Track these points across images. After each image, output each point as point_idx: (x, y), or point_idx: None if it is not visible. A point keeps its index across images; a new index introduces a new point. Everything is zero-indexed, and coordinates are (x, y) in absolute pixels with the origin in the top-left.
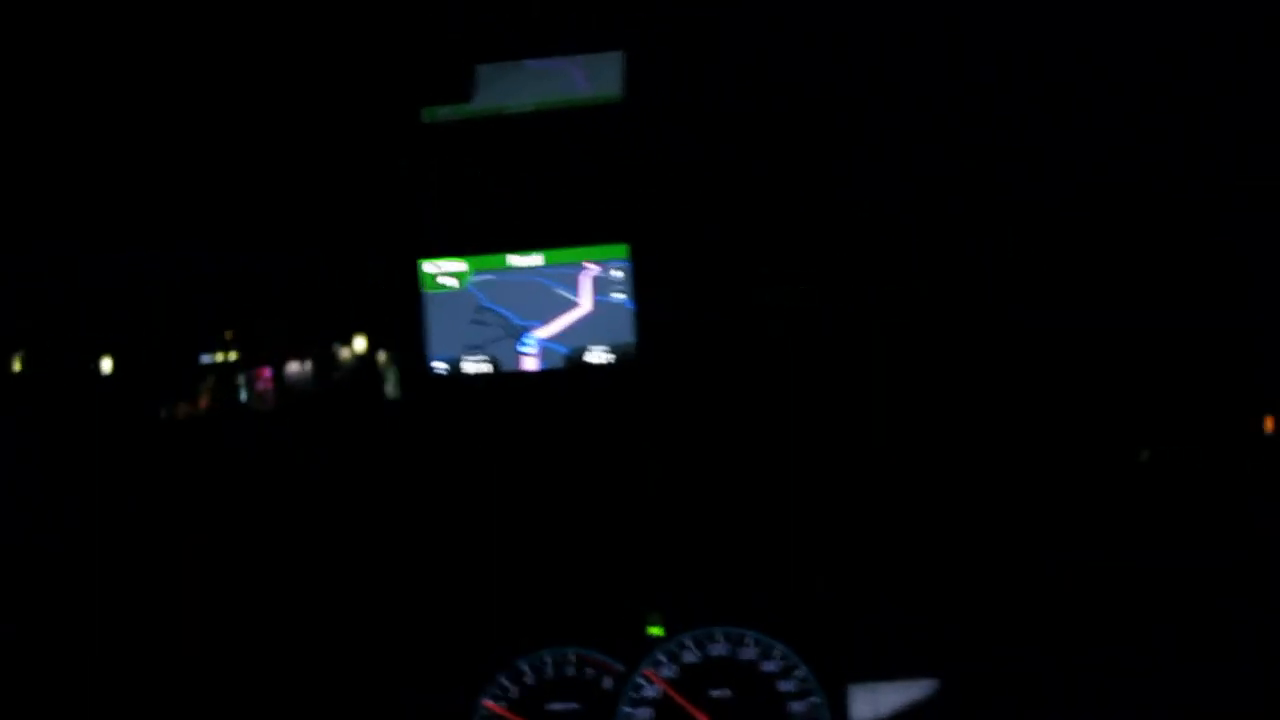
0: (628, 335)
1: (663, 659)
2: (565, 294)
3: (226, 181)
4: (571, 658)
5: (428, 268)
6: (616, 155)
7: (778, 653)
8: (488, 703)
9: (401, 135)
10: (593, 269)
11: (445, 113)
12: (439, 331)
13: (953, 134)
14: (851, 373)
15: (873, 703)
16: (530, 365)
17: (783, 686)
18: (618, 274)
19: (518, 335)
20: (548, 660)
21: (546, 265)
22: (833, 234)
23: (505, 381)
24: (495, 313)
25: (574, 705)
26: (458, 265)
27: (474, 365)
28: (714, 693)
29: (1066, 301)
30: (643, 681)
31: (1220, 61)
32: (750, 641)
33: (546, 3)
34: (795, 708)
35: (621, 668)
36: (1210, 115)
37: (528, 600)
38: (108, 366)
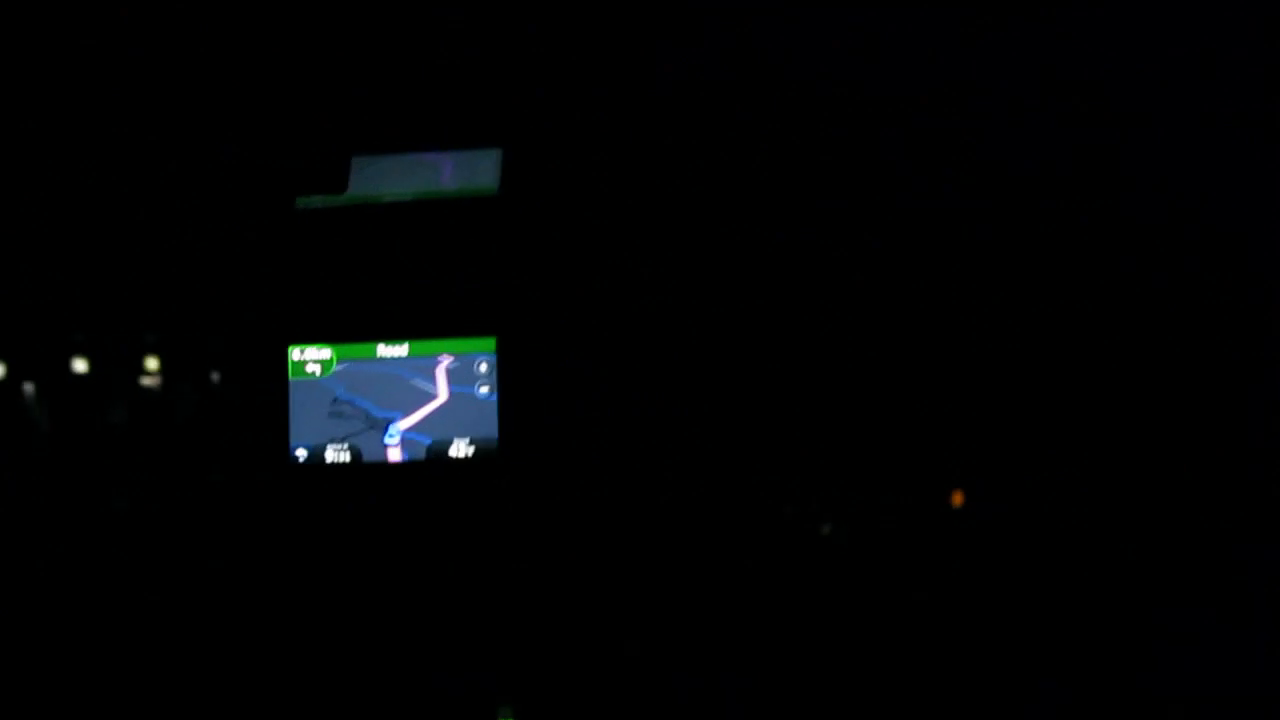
0: (490, 428)
1: None
2: (423, 385)
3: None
4: None
5: (295, 355)
6: (489, 248)
7: None
8: None
9: (275, 221)
10: (447, 359)
11: (319, 200)
12: (302, 418)
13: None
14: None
15: None
16: (395, 456)
17: None
18: (480, 366)
19: (381, 426)
20: None
21: (410, 356)
22: (694, 343)
23: (366, 471)
24: (354, 405)
25: None
26: (323, 353)
27: (336, 454)
28: None
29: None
30: None
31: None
32: None
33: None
34: None
35: None
36: None
37: (380, 688)
38: None
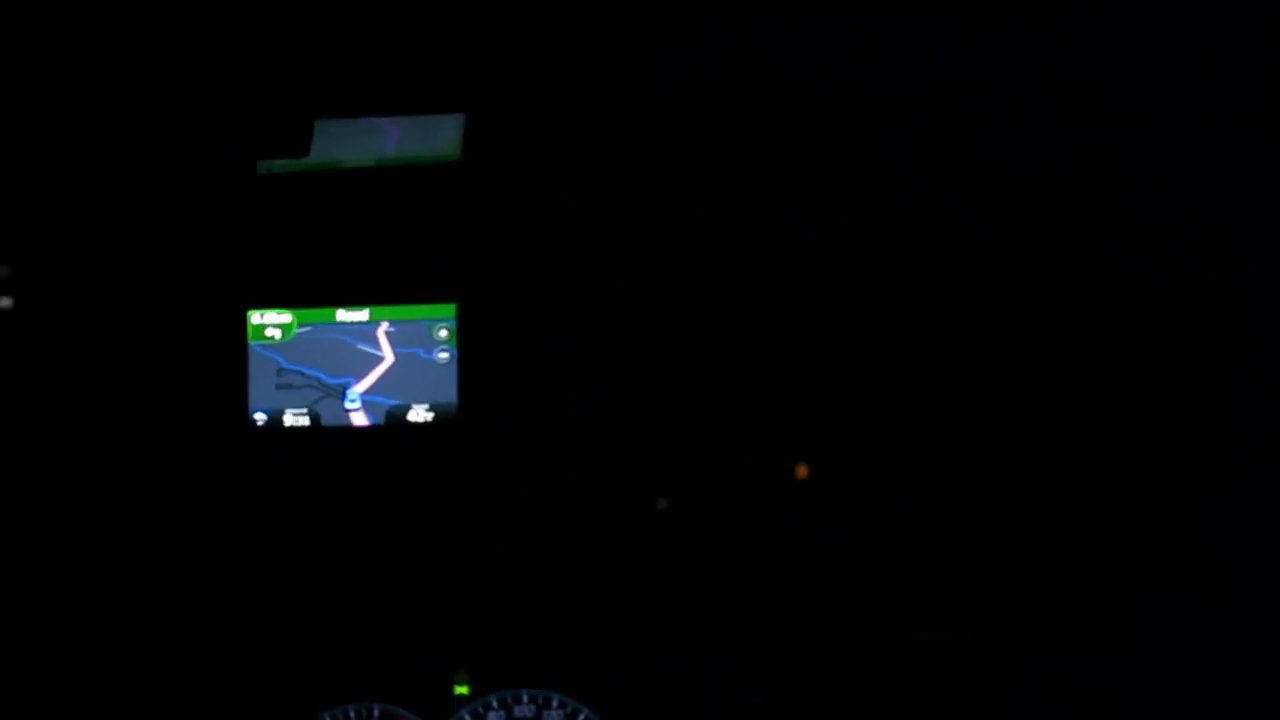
0: (450, 393)
1: (467, 718)
2: (371, 349)
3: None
4: (376, 712)
5: (255, 319)
6: (450, 214)
7: (583, 717)
8: None
9: (236, 184)
10: (384, 324)
11: (281, 164)
12: (261, 383)
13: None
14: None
15: None
16: (360, 420)
17: None
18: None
19: (338, 392)
20: (351, 713)
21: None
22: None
23: (325, 435)
24: (303, 373)
25: None
26: (283, 317)
27: (294, 418)
28: None
29: None
30: None
31: None
32: (555, 704)
33: (390, 63)
34: None
35: None
36: None
37: (335, 652)
38: None
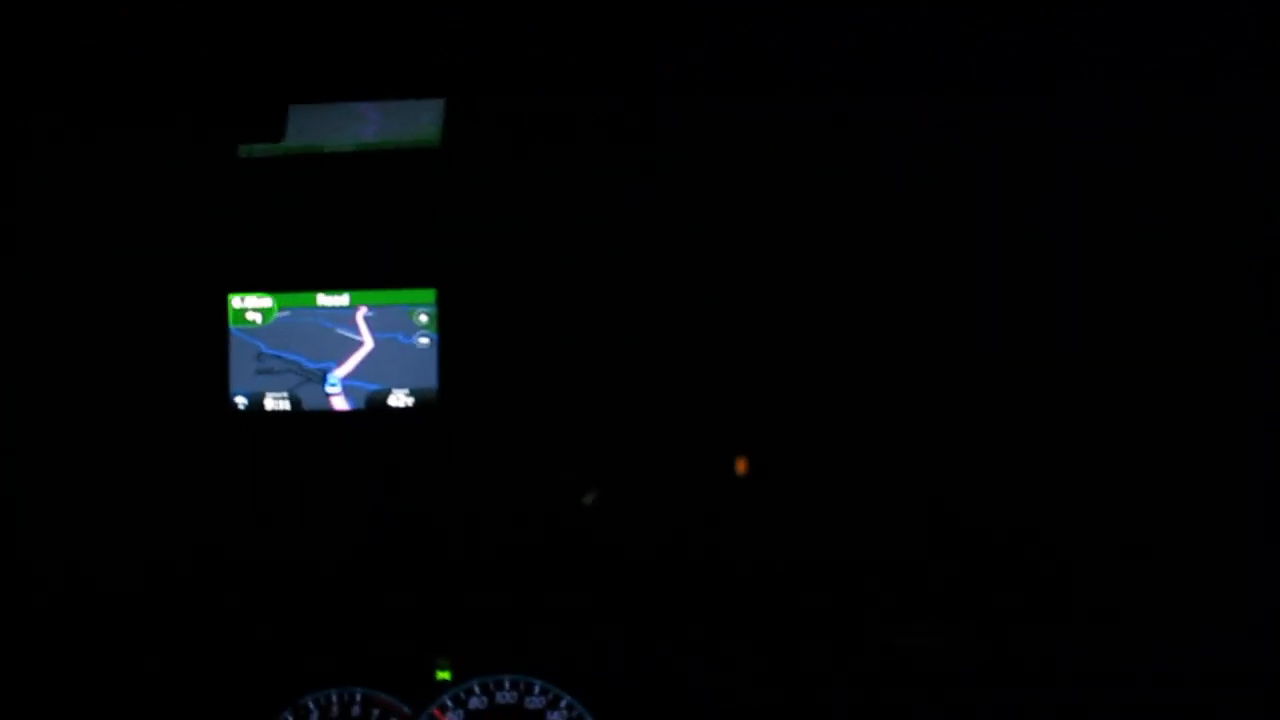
0: (430, 378)
1: (449, 704)
2: (348, 334)
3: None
4: (358, 698)
5: (235, 303)
6: (430, 199)
7: (564, 704)
8: None
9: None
10: (364, 309)
11: (262, 149)
12: (242, 366)
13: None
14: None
15: None
16: (341, 405)
17: None
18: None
19: (319, 377)
20: (334, 699)
21: (347, 307)
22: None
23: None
24: (283, 359)
25: None
26: (264, 301)
27: (275, 402)
28: None
29: None
30: None
31: None
32: (538, 691)
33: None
34: None
35: (408, 710)
36: None
37: (318, 637)
38: None
